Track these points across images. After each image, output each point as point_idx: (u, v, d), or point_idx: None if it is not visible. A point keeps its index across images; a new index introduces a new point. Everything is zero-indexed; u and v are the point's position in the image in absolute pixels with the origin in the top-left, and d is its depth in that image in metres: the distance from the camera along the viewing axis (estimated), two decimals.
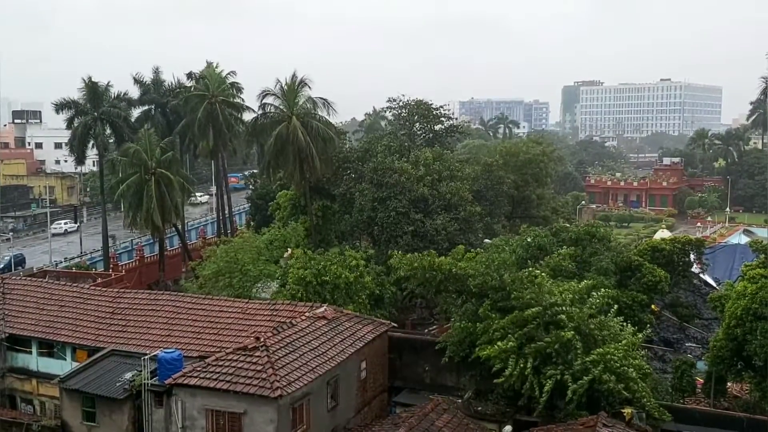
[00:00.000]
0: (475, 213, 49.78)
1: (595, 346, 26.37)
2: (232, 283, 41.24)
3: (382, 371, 30.90)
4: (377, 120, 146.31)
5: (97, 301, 33.97)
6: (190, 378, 24.20)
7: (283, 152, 52.89)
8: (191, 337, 29.99)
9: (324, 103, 54.35)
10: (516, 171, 59.43)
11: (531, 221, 55.87)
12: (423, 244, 45.19)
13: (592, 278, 32.22)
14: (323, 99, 54.73)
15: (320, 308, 30.43)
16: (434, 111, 62.83)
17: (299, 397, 23.97)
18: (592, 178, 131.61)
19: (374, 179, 49.85)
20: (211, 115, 68.33)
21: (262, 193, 70.22)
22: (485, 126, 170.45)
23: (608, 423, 23.63)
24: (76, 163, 74.79)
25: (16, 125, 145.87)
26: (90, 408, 26.46)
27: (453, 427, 25.84)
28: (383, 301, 41.05)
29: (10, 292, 35.35)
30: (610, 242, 38.86)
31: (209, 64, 74.65)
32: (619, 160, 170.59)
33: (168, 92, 78.04)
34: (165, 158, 56.68)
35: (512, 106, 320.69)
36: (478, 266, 29.32)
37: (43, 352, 32.71)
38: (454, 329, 29.48)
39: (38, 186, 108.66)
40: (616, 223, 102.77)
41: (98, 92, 68.09)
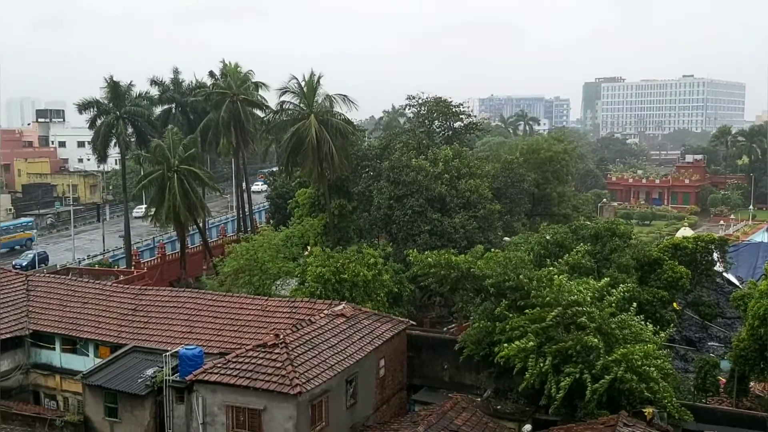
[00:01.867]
0: (495, 211, 49.55)
1: (616, 345, 26.17)
2: (252, 281, 41.54)
3: (401, 369, 30.92)
4: (395, 118, 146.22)
5: (120, 298, 34.31)
6: (211, 374, 24.40)
7: (301, 150, 53.09)
8: (212, 334, 30.19)
9: (343, 98, 54.47)
10: (536, 168, 59.07)
11: (551, 219, 55.51)
12: (441, 242, 45.10)
13: (612, 275, 31.94)
14: (342, 95, 54.88)
15: (339, 306, 30.52)
16: (453, 108, 62.62)
17: (318, 394, 24.08)
18: (613, 176, 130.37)
19: (391, 177, 49.82)
20: (233, 114, 68.81)
21: (281, 191, 70.54)
22: (505, 123, 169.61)
23: (629, 422, 23.46)
24: (99, 162, 75.61)
25: (39, 124, 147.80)
26: (112, 404, 26.72)
27: (472, 426, 25.78)
28: (402, 299, 41.08)
29: (34, 289, 35.82)
30: (630, 239, 38.49)
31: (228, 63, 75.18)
32: (640, 158, 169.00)
33: (188, 91, 78.67)
34: (188, 155, 57.24)
35: (532, 103, 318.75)
36: (494, 266, 29.22)
37: (67, 349, 33.07)
38: (472, 328, 29.44)
39: (61, 184, 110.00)
40: (638, 221, 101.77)
41: (120, 92, 68.80)
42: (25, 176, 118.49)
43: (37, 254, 68.00)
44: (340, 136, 53.30)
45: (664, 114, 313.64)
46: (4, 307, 34.06)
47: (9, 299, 34.65)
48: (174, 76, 79.17)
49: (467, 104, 67.65)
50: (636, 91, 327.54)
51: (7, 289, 35.32)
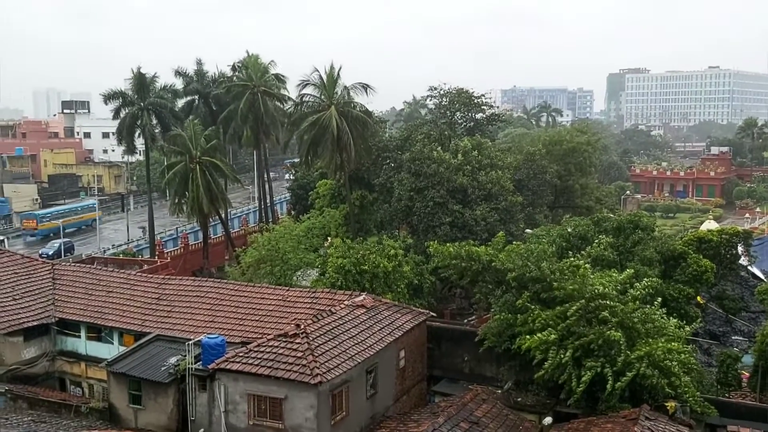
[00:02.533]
0: (517, 203, 49.31)
1: (638, 340, 25.98)
2: (273, 271, 41.82)
3: (421, 360, 30.98)
4: (417, 109, 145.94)
5: (143, 288, 34.71)
6: (233, 363, 24.63)
7: (321, 141, 53.21)
8: (234, 323, 30.47)
9: (363, 87, 54.39)
10: (559, 160, 58.65)
11: (574, 211, 55.17)
12: (462, 234, 45.00)
13: (634, 268, 31.67)
14: (362, 84, 54.80)
15: (359, 297, 30.62)
16: (475, 99, 62.33)
17: (338, 384, 24.22)
18: (637, 168, 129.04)
19: (412, 168, 49.74)
20: (253, 105, 69.11)
21: (303, 182, 70.80)
22: (528, 114, 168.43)
23: (651, 416, 23.33)
24: (126, 153, 76.34)
25: (65, 115, 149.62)
26: (136, 391, 27.03)
27: (492, 418, 25.79)
28: (422, 290, 41.11)
29: (60, 277, 36.38)
30: (653, 231, 38.13)
31: (249, 55, 75.44)
32: (665, 150, 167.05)
33: (211, 83, 79.10)
34: (210, 147, 57.65)
35: (556, 94, 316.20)
36: (516, 258, 29.09)
37: (92, 337, 33.53)
38: (493, 320, 29.38)
39: (87, 175, 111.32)
40: (662, 214, 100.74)
41: (145, 83, 69.35)
42: (51, 167, 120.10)
43: (63, 244, 69.01)
44: (360, 127, 53.32)
45: (690, 105, 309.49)
46: (30, 295, 34.65)
47: (36, 287, 35.24)
48: (198, 68, 79.64)
49: (489, 95, 67.21)
50: (661, 83, 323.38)
51: (33, 278, 35.91)
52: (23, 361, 32.68)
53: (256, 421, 24.19)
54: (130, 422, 27.04)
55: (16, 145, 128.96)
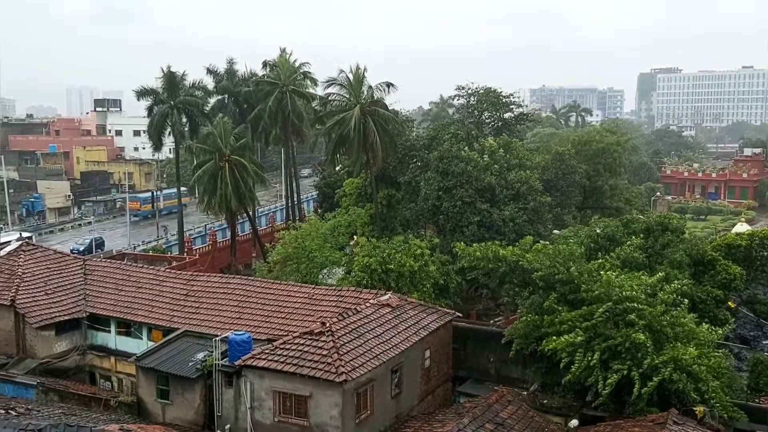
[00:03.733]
0: (545, 203, 48.94)
1: (666, 343, 25.63)
2: (299, 269, 42.03)
3: (447, 361, 30.91)
4: (444, 108, 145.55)
5: (172, 284, 35.07)
6: (259, 360, 24.80)
7: (347, 140, 53.43)
8: (260, 320, 30.67)
9: (386, 84, 54.50)
10: (588, 160, 58.10)
11: (603, 212, 54.61)
12: (489, 234, 44.78)
13: (664, 271, 31.25)
14: (386, 82, 54.90)
15: (385, 296, 30.61)
16: (503, 99, 62.03)
17: (363, 383, 24.25)
18: (668, 169, 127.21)
19: (440, 168, 49.60)
20: (281, 104, 69.51)
21: (329, 180, 71.07)
22: (557, 114, 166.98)
23: (679, 420, 23.00)
24: (154, 150, 77.32)
25: (97, 113, 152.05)
26: (164, 386, 27.28)
27: (517, 419, 25.64)
28: (448, 290, 40.99)
29: (91, 273, 36.94)
30: (683, 234, 37.58)
31: (282, 52, 75.85)
32: (697, 150, 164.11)
33: (241, 82, 79.73)
34: (239, 145, 58.15)
35: (585, 94, 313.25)
36: (543, 258, 28.87)
37: (121, 332, 33.99)
38: (520, 321, 29.18)
39: (118, 172, 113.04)
40: (693, 216, 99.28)
41: (175, 82, 70.14)
42: (83, 164, 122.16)
43: (94, 240, 70.10)
44: (386, 126, 53.41)
45: (722, 106, 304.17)
46: (63, 290, 35.28)
47: (67, 282, 35.86)
48: (228, 67, 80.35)
49: (518, 94, 66.89)
50: (693, 82, 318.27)
51: (66, 273, 36.54)
52: (55, 354, 33.30)
53: (281, 418, 24.34)
54: (158, 417, 27.35)
55: (50, 143, 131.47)
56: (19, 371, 31.55)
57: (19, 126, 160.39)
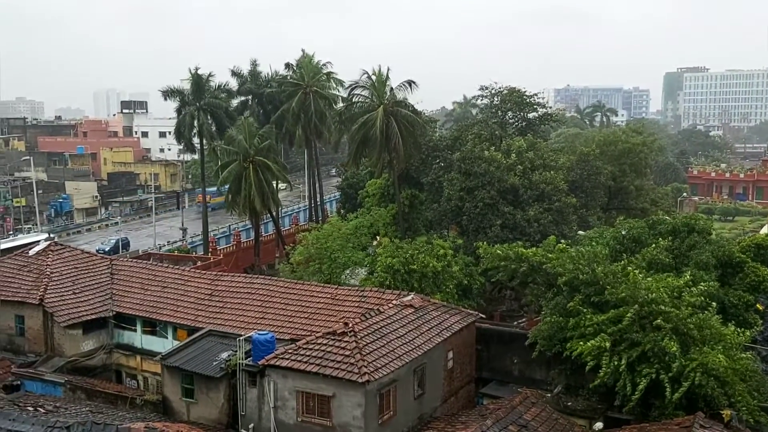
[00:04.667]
0: (570, 204, 48.54)
1: (693, 346, 25.29)
2: (322, 269, 42.16)
3: (470, 362, 30.79)
4: (468, 109, 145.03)
5: (197, 283, 35.36)
6: (282, 360, 24.90)
7: (370, 141, 53.54)
8: (284, 320, 30.81)
9: (408, 83, 54.56)
10: (613, 161, 57.49)
11: (628, 213, 53.96)
12: (513, 235, 44.51)
13: (690, 272, 30.82)
14: (409, 81, 54.95)
15: (408, 296, 30.58)
16: (527, 99, 61.61)
17: (386, 384, 24.25)
18: (694, 169, 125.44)
19: (462, 168, 49.43)
20: (305, 105, 69.83)
21: (352, 181, 71.20)
22: (581, 114, 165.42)
23: (705, 424, 22.66)
24: (186, 151, 78.05)
25: (124, 115, 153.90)
26: (189, 385, 27.51)
27: (541, 421, 25.45)
28: (471, 291, 40.84)
29: (117, 272, 37.41)
30: (710, 235, 37.03)
31: (304, 54, 76.25)
32: (724, 151, 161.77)
33: (265, 83, 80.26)
34: (263, 146, 58.54)
35: (610, 94, 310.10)
36: (567, 260, 28.61)
37: (147, 331, 34.38)
38: (544, 323, 28.96)
39: (144, 173, 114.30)
40: (720, 217, 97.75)
41: (201, 83, 70.84)
42: (110, 165, 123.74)
43: (120, 240, 70.86)
44: (409, 127, 53.42)
45: (750, 105, 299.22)
46: (90, 289, 35.78)
47: (95, 282, 36.36)
48: (252, 68, 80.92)
49: (542, 95, 66.38)
50: (720, 82, 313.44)
51: (93, 273, 37.06)
52: (82, 353, 33.78)
53: (304, 417, 24.43)
54: (183, 415, 27.59)
55: (78, 144, 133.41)
56: (47, 369, 32.06)
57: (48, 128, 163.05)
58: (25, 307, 34.29)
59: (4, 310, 34.98)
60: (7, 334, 35.04)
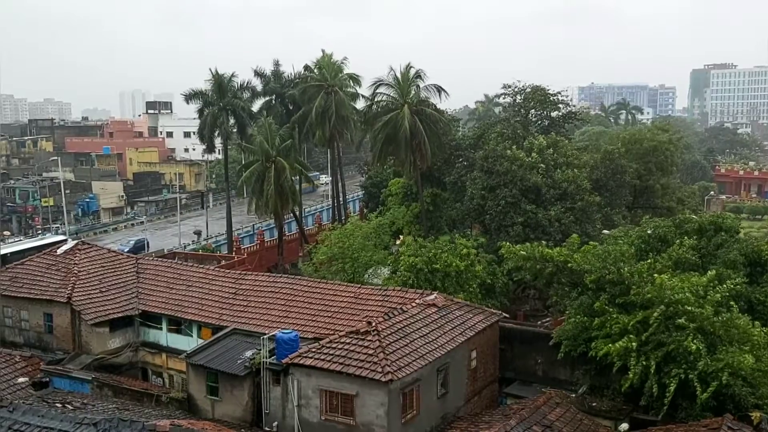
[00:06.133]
0: (594, 203, 48.11)
1: (720, 346, 24.94)
2: (345, 268, 42.25)
3: (493, 361, 30.67)
4: (490, 108, 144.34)
5: (221, 282, 35.61)
6: (306, 358, 25.00)
7: (394, 140, 53.54)
8: (307, 318, 30.92)
9: (437, 89, 54.58)
10: (638, 159, 56.89)
11: (654, 212, 53.40)
12: (535, 234, 44.25)
13: (717, 270, 30.37)
14: (436, 86, 54.96)
15: (431, 296, 30.53)
16: (551, 97, 61.23)
17: (409, 383, 24.24)
18: (722, 167, 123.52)
19: (485, 167, 49.24)
20: (327, 104, 69.97)
21: (375, 180, 71.25)
22: (606, 112, 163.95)
23: (734, 426, 22.31)
24: (207, 152, 78.65)
25: (149, 115, 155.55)
26: (213, 383, 27.73)
27: (566, 422, 25.25)
28: (495, 290, 40.68)
29: (143, 271, 37.83)
30: (737, 233, 36.47)
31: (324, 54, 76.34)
32: (753, 148, 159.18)
33: (288, 83, 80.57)
34: (284, 147, 58.80)
35: (635, 92, 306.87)
36: (593, 259, 28.34)
37: (172, 329, 34.66)
38: (568, 323, 28.72)
39: (169, 173, 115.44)
40: (749, 215, 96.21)
41: (223, 84, 71.30)
42: (136, 165, 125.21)
43: (136, 242, 69.14)
44: (433, 126, 53.35)
45: None
46: (116, 288, 36.23)
47: (121, 281, 36.81)
48: (275, 68, 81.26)
49: (566, 93, 65.91)
50: (749, 78, 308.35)
51: (119, 271, 37.52)
52: (109, 350, 34.22)
53: (328, 416, 24.51)
54: (208, 413, 27.83)
55: (104, 144, 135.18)
56: (75, 366, 32.51)
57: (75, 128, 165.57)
58: (53, 305, 34.81)
59: (33, 308, 35.56)
60: (36, 332, 35.61)
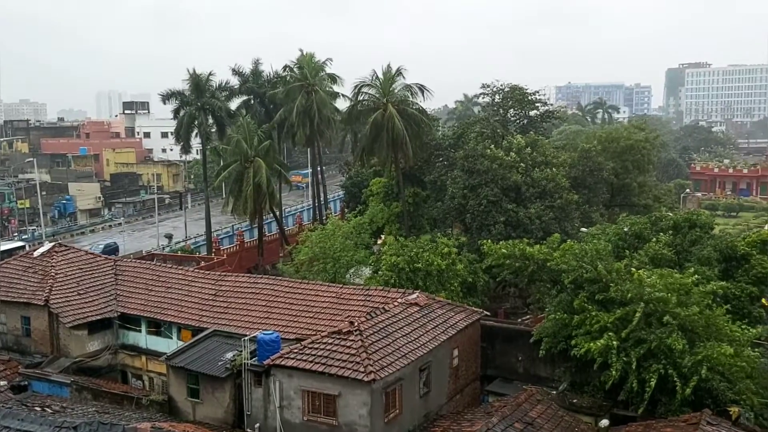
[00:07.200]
0: (572, 201, 48.53)
1: (699, 343, 25.27)
2: (326, 269, 42.19)
3: (475, 359, 30.81)
4: (469, 107, 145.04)
5: (201, 284, 35.35)
6: (287, 359, 24.92)
7: (377, 139, 53.58)
8: (288, 319, 30.80)
9: (420, 88, 54.68)
10: (616, 157, 57.52)
11: (631, 210, 53.98)
12: (516, 233, 44.53)
13: (695, 268, 30.80)
14: (419, 85, 55.07)
15: (412, 295, 30.59)
16: (529, 96, 61.64)
17: (392, 382, 24.26)
18: (697, 165, 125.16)
19: (465, 166, 49.47)
20: (308, 104, 69.78)
21: (356, 180, 71.16)
22: (583, 111, 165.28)
23: (713, 421, 22.63)
24: (183, 152, 78.08)
25: (126, 116, 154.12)
26: (194, 385, 27.53)
27: (547, 419, 25.46)
28: (476, 289, 40.87)
29: (122, 273, 37.41)
30: (712, 230, 37.08)
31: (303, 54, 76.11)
32: (727, 146, 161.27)
33: (267, 83, 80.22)
34: (262, 147, 58.52)
35: (611, 91, 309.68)
36: (570, 258, 28.58)
37: (152, 331, 34.36)
38: (548, 321, 28.94)
39: (146, 173, 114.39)
40: (724, 213, 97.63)
41: (201, 83, 70.80)
42: (113, 165, 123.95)
43: (106, 246, 66.28)
44: (415, 125, 53.47)
45: (753, 101, 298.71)
46: (95, 290, 35.80)
47: (99, 283, 36.36)
48: (254, 67, 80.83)
49: (543, 92, 66.47)
50: (723, 77, 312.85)
51: (97, 274, 37.06)
52: (88, 353, 33.82)
53: (310, 417, 24.45)
54: (189, 415, 27.63)
55: (81, 145, 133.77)
56: (54, 370, 32.11)
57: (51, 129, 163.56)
58: (30, 308, 34.33)
59: (11, 311, 35.05)
60: (14, 335, 35.11)
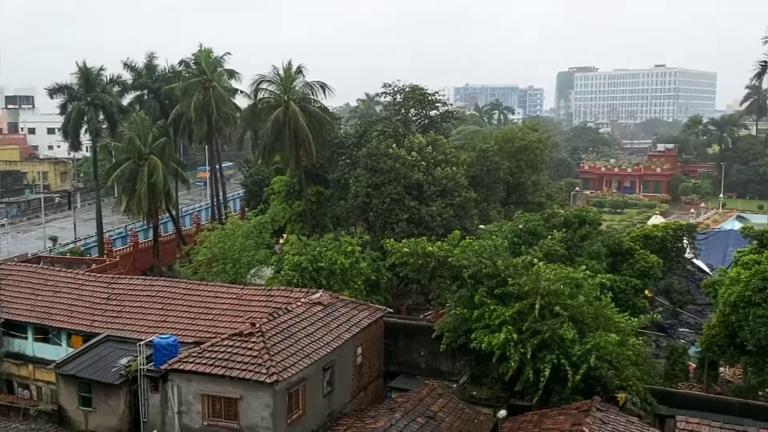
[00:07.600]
0: (471, 199, 49.80)
1: (589, 333, 26.53)
2: (226, 270, 41.30)
3: (378, 357, 31.03)
4: (371, 106, 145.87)
5: (92, 287, 33.95)
6: (186, 363, 24.25)
7: (280, 137, 52.97)
8: (186, 322, 30.02)
9: (321, 86, 54.50)
10: (511, 157, 59.52)
11: (526, 207, 56.02)
12: (418, 230, 45.25)
13: (584, 262, 32.35)
14: (320, 83, 54.87)
15: (316, 294, 30.49)
16: (429, 96, 62.71)
17: (295, 383, 24.07)
18: (586, 165, 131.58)
19: (368, 165, 49.79)
20: (206, 100, 68.00)
21: (257, 178, 70.04)
22: (480, 112, 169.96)
23: (602, 407, 23.86)
24: (72, 149, 74.33)
25: (8, 111, 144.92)
26: (86, 393, 26.49)
27: (448, 412, 26.02)
28: (379, 286, 41.19)
29: (5, 278, 35.31)
30: (599, 226, 39.12)
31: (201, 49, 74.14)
32: (613, 147, 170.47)
33: (161, 77, 77.49)
34: (157, 144, 56.58)
35: (507, 92, 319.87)
36: (470, 254, 29.33)
37: (39, 338, 32.72)
38: (449, 315, 29.57)
39: (31, 172, 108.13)
40: (610, 209, 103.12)
41: (91, 77, 67.58)
42: None
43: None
44: (317, 123, 53.23)
45: (637, 103, 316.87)
46: None
47: None
48: (148, 61, 77.85)
49: (443, 93, 67.84)
50: (608, 81, 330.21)
51: None
52: None
53: (210, 421, 23.89)
54: (81, 424, 26.48)
55: None
56: None
57: None
58: None
59: None
60: None
